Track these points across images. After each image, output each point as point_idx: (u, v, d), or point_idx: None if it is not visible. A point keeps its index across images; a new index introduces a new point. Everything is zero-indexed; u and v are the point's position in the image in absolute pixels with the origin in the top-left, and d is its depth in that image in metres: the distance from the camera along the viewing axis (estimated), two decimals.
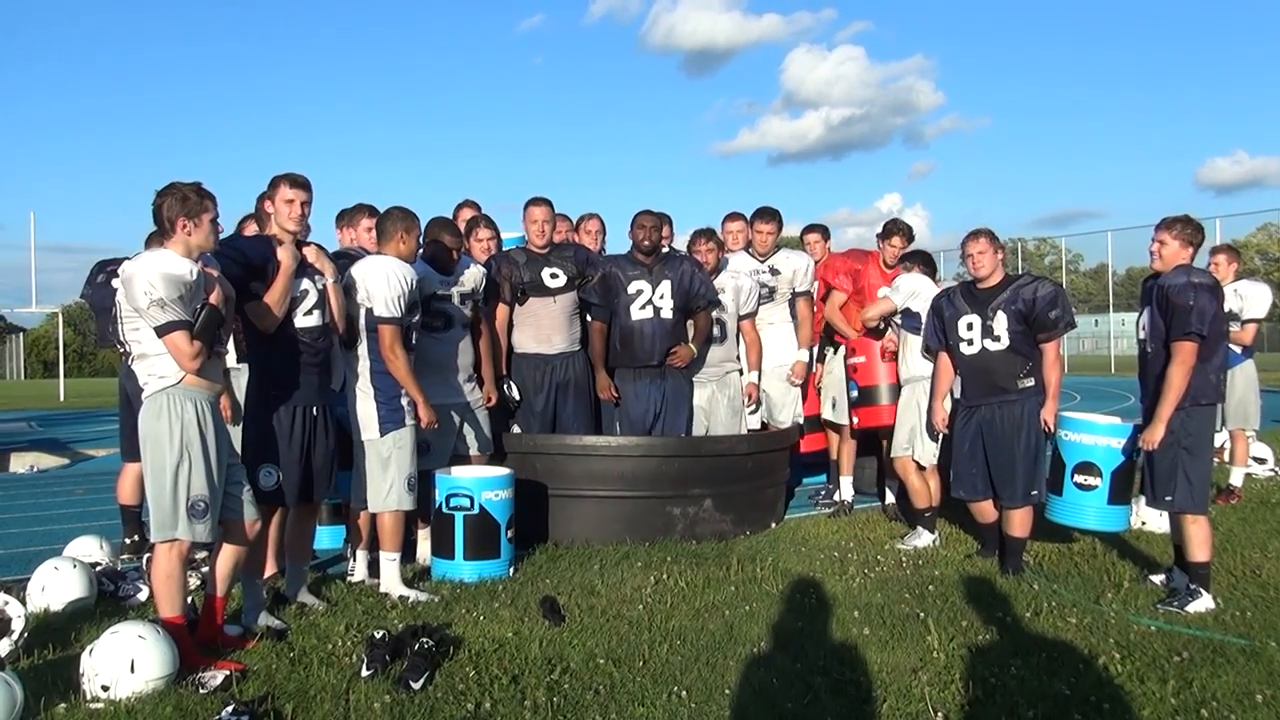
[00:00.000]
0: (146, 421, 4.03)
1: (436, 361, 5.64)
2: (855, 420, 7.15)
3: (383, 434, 5.14)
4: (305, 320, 4.74)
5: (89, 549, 5.68)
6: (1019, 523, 5.60)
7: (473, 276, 5.90)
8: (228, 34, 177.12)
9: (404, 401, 5.18)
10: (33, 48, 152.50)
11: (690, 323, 6.74)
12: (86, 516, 7.82)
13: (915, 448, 6.44)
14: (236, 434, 4.65)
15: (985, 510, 5.82)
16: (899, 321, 6.60)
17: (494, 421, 6.17)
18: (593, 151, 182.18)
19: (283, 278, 4.59)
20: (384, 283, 5.07)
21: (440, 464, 5.64)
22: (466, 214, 6.99)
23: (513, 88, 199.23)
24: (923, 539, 6.34)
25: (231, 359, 4.83)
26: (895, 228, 7.18)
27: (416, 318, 5.30)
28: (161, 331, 3.91)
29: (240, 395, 4.78)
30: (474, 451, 5.91)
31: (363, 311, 5.10)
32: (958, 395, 5.85)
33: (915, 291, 6.42)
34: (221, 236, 4.37)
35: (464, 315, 5.80)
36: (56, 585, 4.89)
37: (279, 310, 4.58)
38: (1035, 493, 5.57)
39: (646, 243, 6.63)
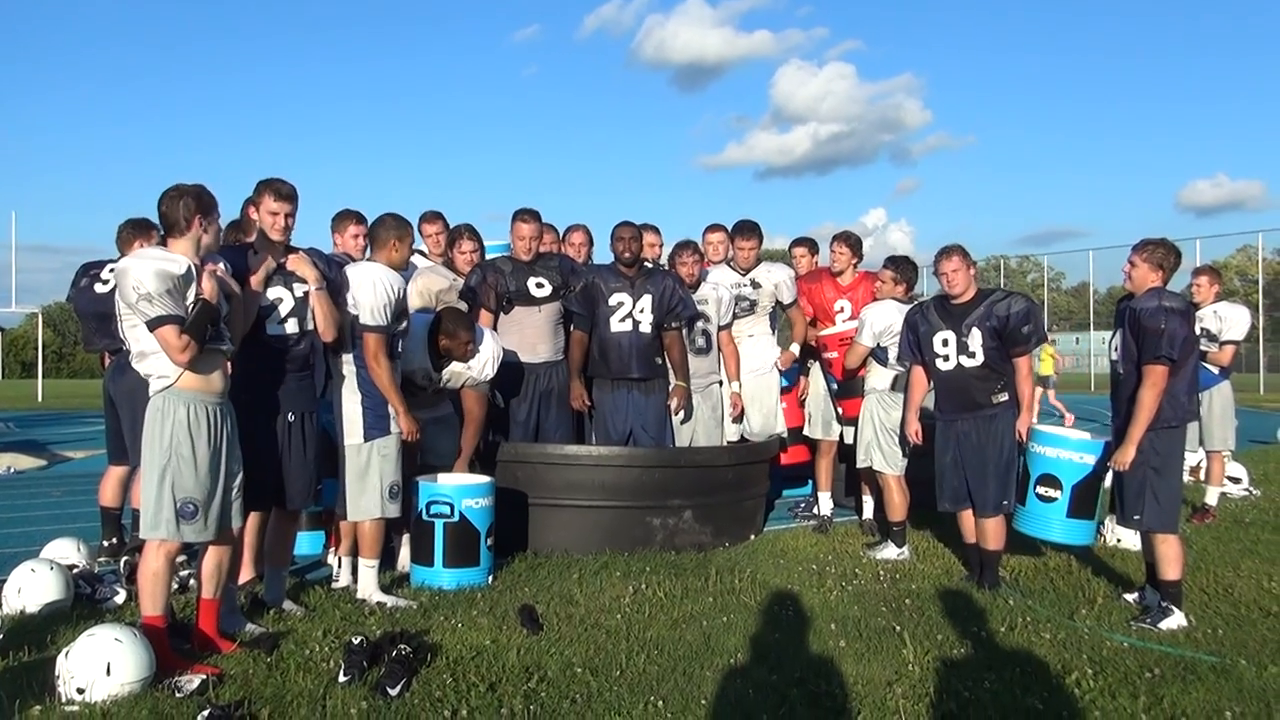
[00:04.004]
0: (147, 421, 4.09)
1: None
2: (841, 411, 7.26)
3: (366, 439, 5.11)
4: (278, 329, 4.71)
5: (66, 551, 5.64)
6: (993, 535, 5.64)
7: (468, 377, 5.77)
8: (216, 33, 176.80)
9: (390, 409, 5.18)
10: (13, 46, 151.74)
11: (669, 356, 6.77)
12: (64, 518, 7.76)
13: (874, 459, 6.52)
14: None
15: (971, 527, 5.81)
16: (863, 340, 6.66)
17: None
18: (581, 161, 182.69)
19: (250, 286, 4.52)
20: (370, 291, 5.05)
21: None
22: (429, 228, 6.95)
23: (505, 97, 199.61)
24: (890, 551, 6.40)
25: None
26: (841, 236, 7.38)
27: (403, 326, 5.31)
28: (152, 326, 3.93)
29: None
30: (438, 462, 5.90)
31: (353, 321, 5.08)
32: (931, 408, 5.91)
33: (885, 329, 6.44)
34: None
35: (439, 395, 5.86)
36: (33, 587, 4.86)
37: (242, 321, 4.48)
38: (1005, 503, 5.63)
39: (626, 254, 6.65)
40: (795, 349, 7.53)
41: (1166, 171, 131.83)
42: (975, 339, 5.60)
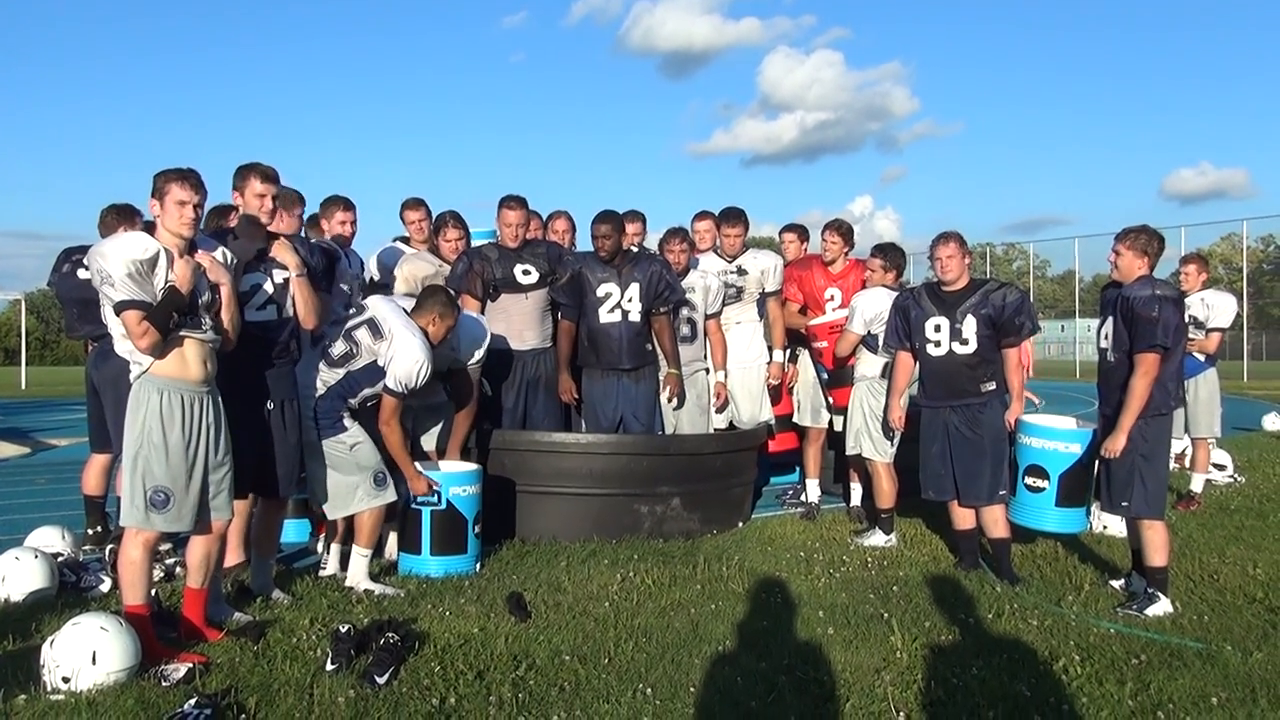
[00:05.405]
0: (127, 407, 4.06)
1: None
2: (832, 401, 7.26)
3: (321, 438, 5.08)
4: (257, 315, 4.65)
5: (50, 539, 5.62)
6: (998, 523, 5.64)
7: (455, 360, 5.75)
8: (200, 16, 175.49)
9: (344, 415, 5.13)
10: None
11: (659, 342, 6.75)
12: (48, 506, 7.72)
13: (864, 446, 6.52)
14: None
15: (961, 515, 5.79)
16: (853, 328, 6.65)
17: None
18: (569, 148, 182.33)
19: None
20: (412, 369, 5.06)
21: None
22: (412, 214, 6.90)
23: (493, 83, 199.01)
24: (878, 538, 6.41)
25: None
26: (833, 224, 7.33)
27: None
28: (116, 310, 3.91)
29: None
30: (430, 447, 5.90)
31: (369, 361, 5.08)
32: (915, 394, 5.90)
33: (876, 316, 6.41)
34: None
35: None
36: (17, 575, 4.84)
37: (233, 310, 4.38)
38: (1003, 492, 5.62)
39: (603, 253, 6.59)
40: (779, 356, 7.44)
41: (1151, 160, 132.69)
42: (970, 326, 5.59)
